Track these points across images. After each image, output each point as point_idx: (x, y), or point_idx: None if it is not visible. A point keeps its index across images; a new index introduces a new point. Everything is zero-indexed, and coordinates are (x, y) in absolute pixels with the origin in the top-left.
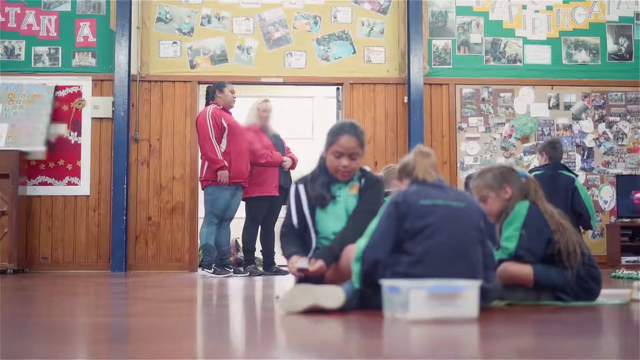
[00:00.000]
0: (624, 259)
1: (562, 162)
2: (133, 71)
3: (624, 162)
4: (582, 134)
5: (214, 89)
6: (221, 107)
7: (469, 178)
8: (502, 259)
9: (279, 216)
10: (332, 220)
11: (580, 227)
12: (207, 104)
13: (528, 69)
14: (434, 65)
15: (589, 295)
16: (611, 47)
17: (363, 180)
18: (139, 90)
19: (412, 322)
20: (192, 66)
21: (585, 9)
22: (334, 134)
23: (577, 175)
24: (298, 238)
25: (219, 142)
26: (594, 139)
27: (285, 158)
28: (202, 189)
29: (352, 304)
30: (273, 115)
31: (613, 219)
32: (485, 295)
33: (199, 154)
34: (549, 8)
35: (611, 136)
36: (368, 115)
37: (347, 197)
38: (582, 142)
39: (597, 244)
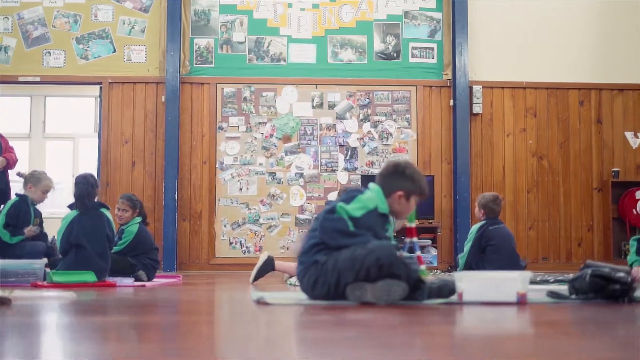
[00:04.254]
0: None
1: None
2: None
3: None
4: (346, 133)
5: None
6: None
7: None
8: None
9: None
10: None
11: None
12: None
13: (292, 67)
14: (195, 64)
15: None
16: (378, 45)
17: None
18: None
19: None
20: None
21: (352, 7)
22: None
23: None
24: None
25: None
26: (358, 138)
27: None
28: None
29: None
30: None
31: None
32: None
33: None
34: (315, 6)
35: (376, 136)
36: (127, 114)
37: None
38: (345, 142)
39: None
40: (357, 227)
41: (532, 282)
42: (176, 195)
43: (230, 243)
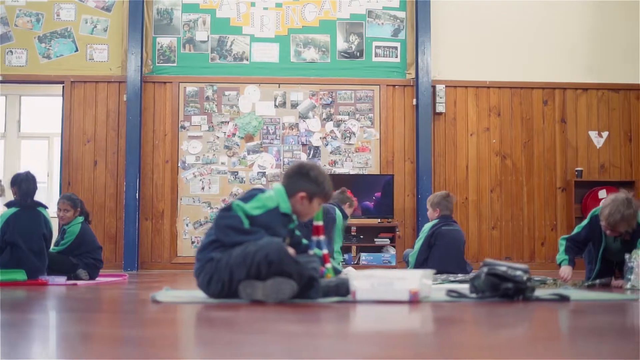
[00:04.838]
0: None
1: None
2: None
3: (352, 161)
4: (308, 132)
5: None
6: None
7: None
8: None
9: None
10: None
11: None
12: None
13: (255, 67)
14: (158, 63)
15: None
16: (341, 45)
17: None
18: None
19: None
20: None
21: (316, 6)
22: None
23: None
24: None
25: None
26: (321, 137)
27: None
28: None
29: None
30: None
31: None
32: None
33: None
34: (279, 5)
35: (339, 135)
36: (89, 113)
37: None
38: (308, 141)
39: None
40: (254, 226)
41: (463, 282)
42: (138, 194)
43: (192, 242)
